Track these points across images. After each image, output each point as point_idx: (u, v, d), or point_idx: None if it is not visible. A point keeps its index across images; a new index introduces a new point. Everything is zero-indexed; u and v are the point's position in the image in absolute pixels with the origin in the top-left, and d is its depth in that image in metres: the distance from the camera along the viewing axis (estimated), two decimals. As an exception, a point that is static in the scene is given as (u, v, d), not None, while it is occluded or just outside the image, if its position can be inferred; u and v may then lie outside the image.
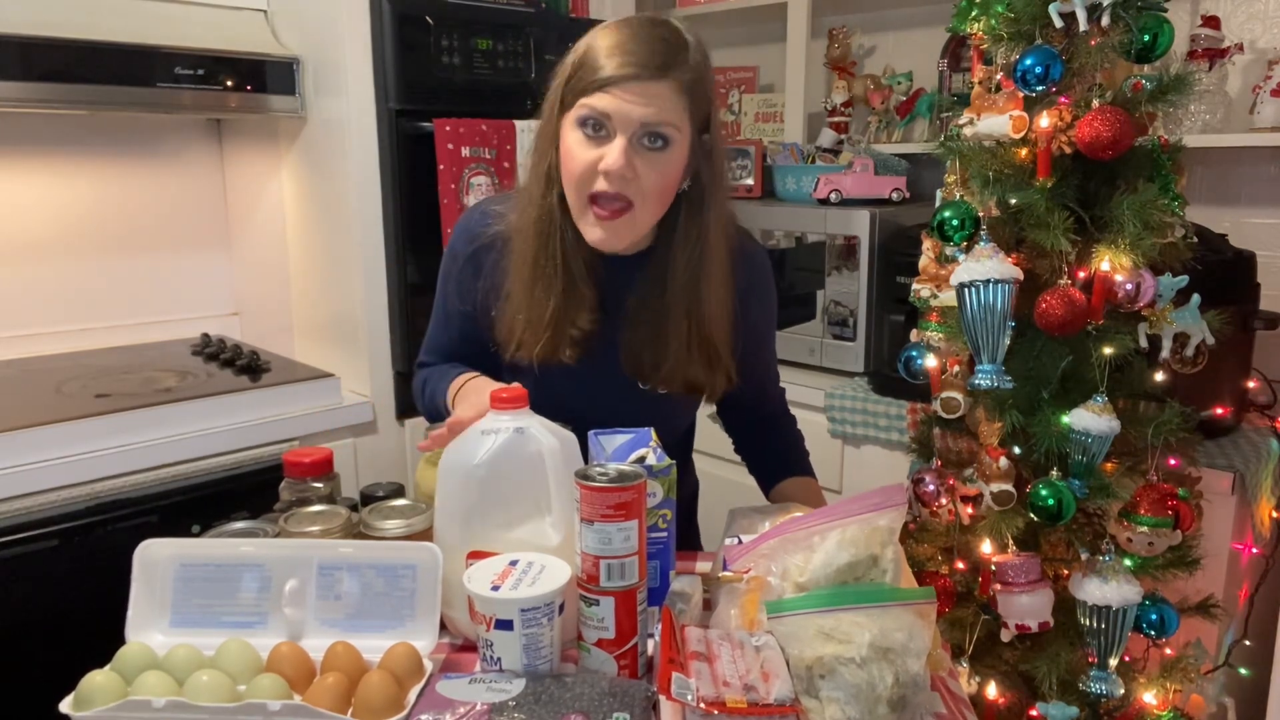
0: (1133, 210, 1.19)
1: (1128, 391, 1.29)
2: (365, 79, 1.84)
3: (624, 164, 1.04)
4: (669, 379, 1.18)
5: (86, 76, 1.69)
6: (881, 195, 2.21)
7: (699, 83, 1.07)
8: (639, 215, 1.09)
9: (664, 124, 1.04)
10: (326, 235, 1.98)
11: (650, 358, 1.18)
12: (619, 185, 1.06)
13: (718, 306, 1.16)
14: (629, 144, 1.04)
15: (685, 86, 1.05)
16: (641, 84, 1.03)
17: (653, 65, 1.03)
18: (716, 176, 1.14)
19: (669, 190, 1.10)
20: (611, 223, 1.08)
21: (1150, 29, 1.19)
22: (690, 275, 1.15)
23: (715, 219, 1.14)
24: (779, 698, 0.74)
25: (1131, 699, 1.34)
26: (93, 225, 2.11)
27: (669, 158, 1.07)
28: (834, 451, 2.08)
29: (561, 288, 1.14)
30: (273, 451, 1.75)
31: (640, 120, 1.04)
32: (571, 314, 1.15)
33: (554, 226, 1.13)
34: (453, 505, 0.95)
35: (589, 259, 1.16)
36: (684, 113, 1.06)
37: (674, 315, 1.16)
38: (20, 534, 1.47)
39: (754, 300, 1.25)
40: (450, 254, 1.26)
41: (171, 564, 0.94)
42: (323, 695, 0.81)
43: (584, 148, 1.06)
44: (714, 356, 1.18)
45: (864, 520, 0.87)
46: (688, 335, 1.16)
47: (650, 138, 1.05)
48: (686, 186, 1.13)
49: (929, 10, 2.49)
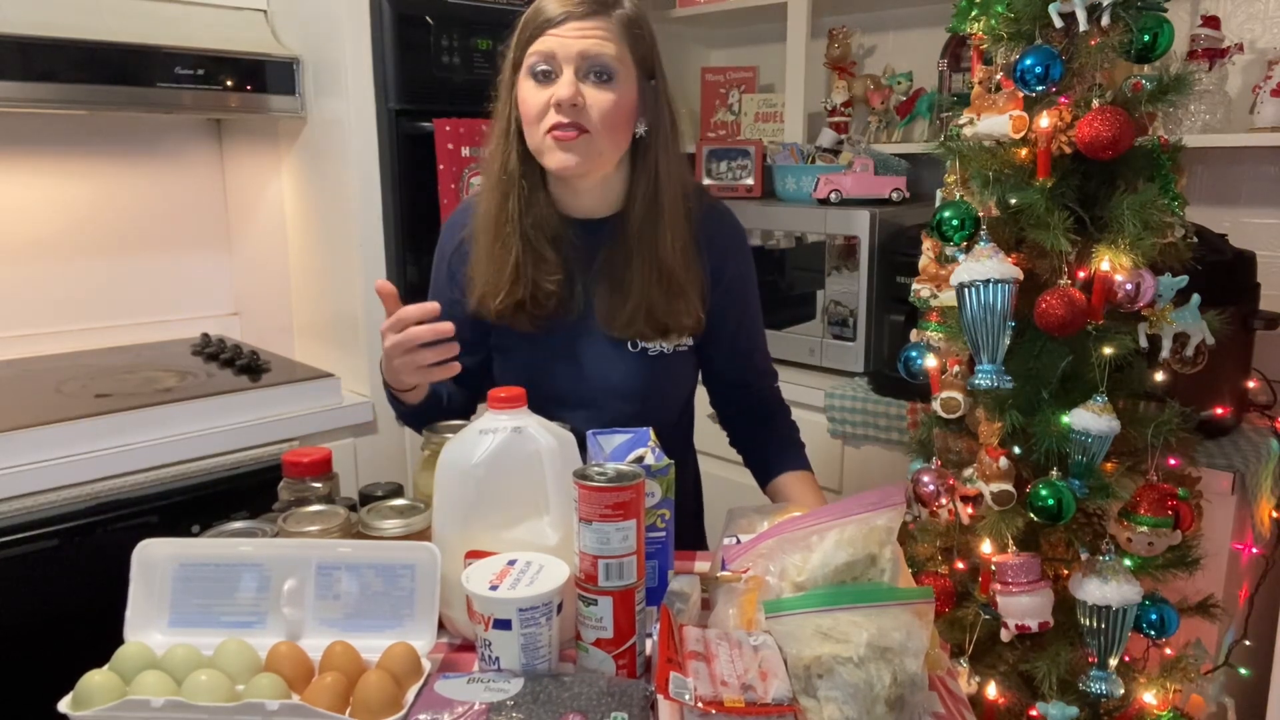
0: (1133, 210, 1.19)
1: (1128, 391, 1.29)
2: (365, 79, 1.84)
3: (572, 92, 1.12)
4: (634, 318, 1.22)
5: (86, 76, 1.69)
6: (881, 195, 2.20)
7: (636, 22, 1.17)
8: (595, 142, 1.15)
9: (604, 55, 1.13)
10: (326, 235, 1.98)
11: (616, 301, 1.23)
12: (571, 114, 1.13)
13: (676, 240, 1.22)
14: (575, 77, 1.13)
15: (622, 23, 1.15)
16: (578, 21, 1.13)
17: (588, 3, 1.13)
18: (664, 122, 1.22)
19: (621, 122, 1.16)
20: (570, 144, 1.14)
21: (1150, 29, 1.19)
22: (646, 210, 1.21)
23: (668, 162, 1.22)
24: (777, 697, 0.74)
25: (1131, 699, 1.34)
26: (93, 225, 2.11)
27: (615, 90, 1.15)
28: (834, 451, 2.08)
29: (521, 246, 1.21)
30: (272, 451, 1.75)
31: (579, 51, 1.12)
32: (532, 272, 1.21)
33: (513, 184, 1.21)
34: (451, 505, 0.95)
35: (551, 220, 1.22)
36: (624, 49, 1.15)
37: (636, 255, 1.21)
38: (20, 534, 1.47)
39: (730, 258, 1.30)
40: (440, 248, 1.34)
41: (170, 564, 0.94)
42: (321, 695, 0.81)
43: (536, 92, 1.15)
44: (676, 288, 1.23)
45: (862, 520, 0.87)
46: (646, 267, 1.21)
47: (595, 73, 1.13)
48: (642, 132, 1.20)
49: (929, 10, 2.49)
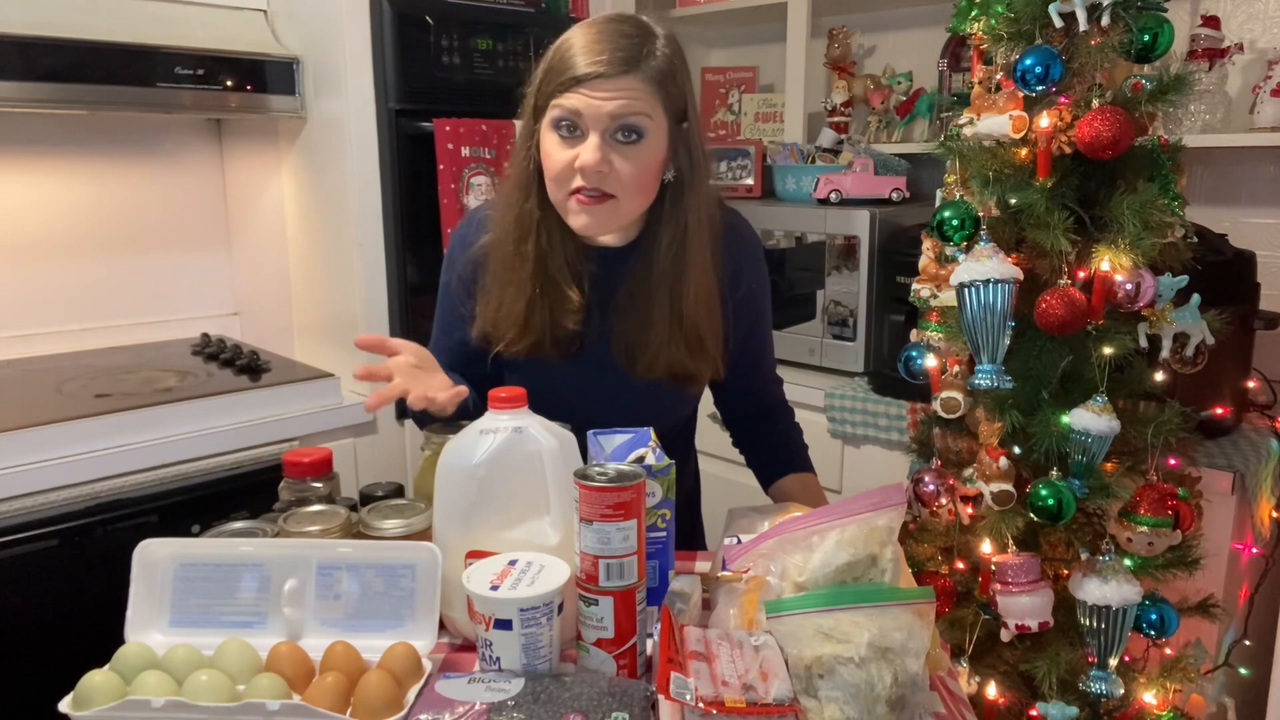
0: (1133, 210, 1.19)
1: (1128, 391, 1.29)
2: (365, 79, 1.84)
3: (598, 159, 1.07)
4: (653, 365, 1.20)
5: (86, 76, 1.69)
6: (881, 195, 2.20)
7: (669, 73, 1.10)
8: (622, 205, 1.11)
9: (634, 115, 1.07)
10: (326, 235, 1.98)
11: (636, 345, 1.20)
12: (596, 181, 1.08)
13: (701, 292, 1.18)
14: (603, 140, 1.07)
15: (654, 77, 1.08)
16: (608, 80, 1.06)
17: (617, 60, 1.06)
18: (697, 165, 1.16)
19: (649, 181, 1.12)
20: (594, 208, 1.10)
21: (1150, 29, 1.19)
22: (673, 261, 1.17)
23: (695, 206, 1.17)
24: (778, 697, 0.74)
25: (1131, 699, 1.34)
26: (93, 225, 2.11)
27: (644, 149, 1.09)
28: (834, 451, 2.08)
29: (536, 289, 1.17)
30: (272, 451, 1.75)
31: (610, 114, 1.06)
32: (554, 315, 1.18)
33: (530, 229, 1.16)
34: (452, 505, 0.95)
35: (575, 259, 1.18)
36: (655, 103, 1.09)
37: (657, 300, 1.18)
38: (20, 534, 1.47)
39: (745, 275, 1.27)
40: (449, 260, 1.29)
41: (171, 564, 0.94)
42: (322, 695, 0.81)
43: (560, 148, 1.09)
44: (696, 343, 1.20)
45: (863, 520, 0.87)
46: (670, 320, 1.18)
47: (623, 132, 1.07)
48: (671, 177, 1.15)
49: (929, 10, 2.49)
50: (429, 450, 1.13)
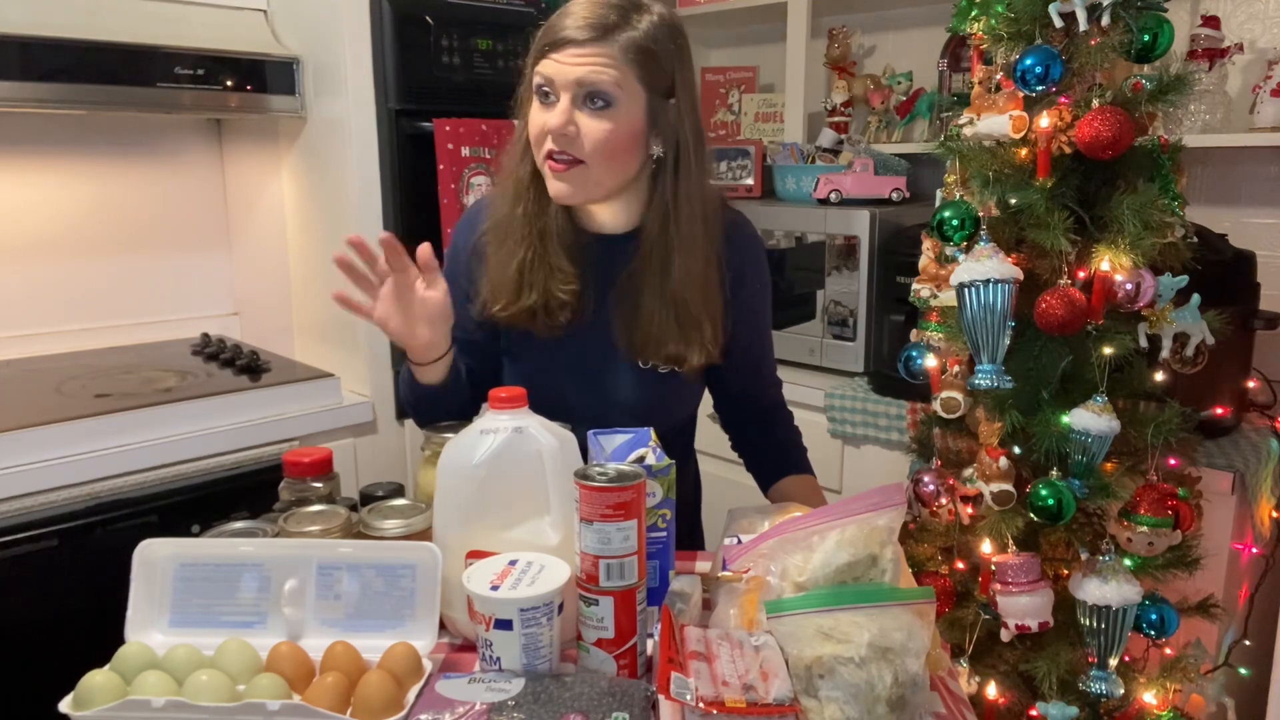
0: (1133, 210, 1.19)
1: (1128, 391, 1.29)
2: (365, 79, 1.84)
3: (562, 122, 1.09)
4: (648, 348, 1.20)
5: (86, 76, 1.69)
6: (881, 195, 2.20)
7: (647, 46, 1.09)
8: (592, 172, 1.12)
9: (601, 82, 1.08)
10: (326, 235, 1.98)
11: (635, 330, 1.21)
12: (563, 144, 1.10)
13: (694, 277, 1.18)
14: (571, 104, 1.09)
15: (628, 47, 1.08)
16: (578, 46, 1.07)
17: (590, 28, 1.07)
18: (686, 144, 1.15)
19: (619, 149, 1.12)
20: (565, 174, 1.12)
21: (1150, 29, 1.19)
22: (663, 241, 1.17)
23: (687, 185, 1.16)
24: (778, 697, 0.74)
25: (1131, 699, 1.34)
26: (93, 225, 2.11)
27: (613, 116, 1.09)
28: (834, 451, 2.08)
29: (528, 252, 1.19)
30: (272, 451, 1.75)
31: (576, 80, 1.08)
32: (546, 282, 1.19)
33: (522, 192, 1.19)
34: (452, 505, 0.95)
35: (565, 229, 1.20)
36: (628, 73, 1.09)
37: (649, 282, 1.18)
38: (20, 534, 1.47)
39: (748, 276, 1.27)
40: (453, 247, 1.30)
41: (171, 564, 0.94)
42: (322, 695, 0.81)
43: (538, 113, 1.13)
44: (689, 324, 1.20)
45: (863, 520, 0.87)
46: (661, 301, 1.18)
47: (590, 98, 1.09)
48: (660, 153, 1.15)
49: (929, 10, 2.49)
50: (429, 450, 1.13)
